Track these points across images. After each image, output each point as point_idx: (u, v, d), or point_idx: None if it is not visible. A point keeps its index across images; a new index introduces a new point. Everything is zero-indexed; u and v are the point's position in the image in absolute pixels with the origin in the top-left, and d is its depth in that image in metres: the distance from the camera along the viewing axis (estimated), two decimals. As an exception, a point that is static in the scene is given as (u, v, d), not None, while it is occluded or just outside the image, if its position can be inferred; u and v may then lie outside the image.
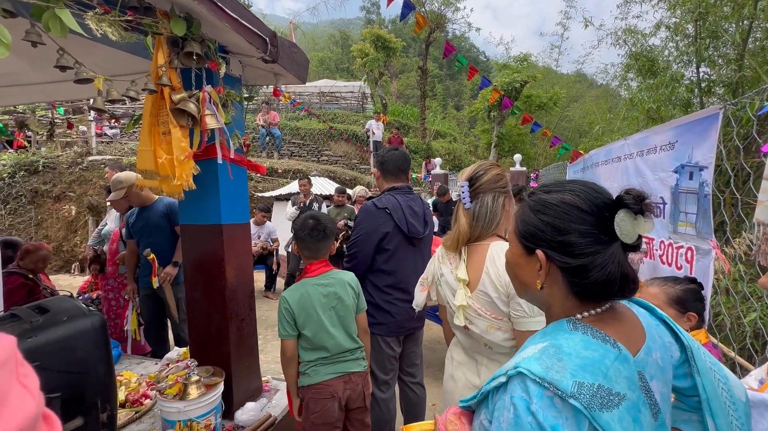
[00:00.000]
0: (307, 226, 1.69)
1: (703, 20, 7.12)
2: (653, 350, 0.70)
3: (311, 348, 1.66)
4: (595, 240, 0.66)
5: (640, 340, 0.70)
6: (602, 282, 0.66)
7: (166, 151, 1.51)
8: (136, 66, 1.93)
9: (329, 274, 1.74)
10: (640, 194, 0.64)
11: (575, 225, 0.67)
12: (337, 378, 1.67)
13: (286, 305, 1.64)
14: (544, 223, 0.70)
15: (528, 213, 0.73)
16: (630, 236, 0.64)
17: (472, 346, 1.32)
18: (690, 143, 1.75)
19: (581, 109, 18.83)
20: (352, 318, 1.74)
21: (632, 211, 0.64)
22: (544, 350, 0.64)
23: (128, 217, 2.77)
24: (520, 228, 0.74)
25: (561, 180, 0.77)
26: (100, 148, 7.61)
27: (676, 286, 1.53)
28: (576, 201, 0.68)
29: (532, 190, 0.78)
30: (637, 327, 0.71)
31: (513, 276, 0.80)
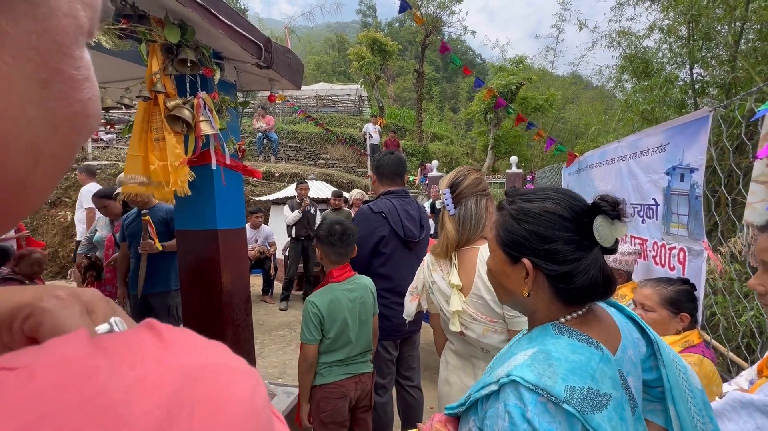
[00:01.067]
0: (336, 232, 1.70)
1: (695, 22, 7.19)
2: (627, 348, 0.73)
3: (329, 351, 1.68)
4: (578, 246, 0.69)
5: (617, 339, 0.73)
6: (587, 286, 0.69)
7: (159, 158, 1.51)
8: (132, 72, 1.93)
9: (353, 279, 1.77)
10: (615, 200, 0.67)
11: (559, 232, 0.69)
12: (349, 378, 1.71)
13: (315, 310, 1.65)
14: (528, 232, 0.71)
15: (510, 222, 0.74)
16: (608, 240, 0.68)
17: (467, 351, 1.32)
18: (681, 145, 1.77)
19: (577, 111, 18.92)
20: (370, 323, 1.78)
21: (609, 216, 0.67)
22: (534, 356, 0.65)
23: (125, 219, 2.76)
24: (504, 237, 0.75)
25: (539, 188, 0.78)
26: (96, 153, 7.59)
27: (668, 287, 1.55)
28: (558, 209, 0.70)
29: (508, 198, 0.79)
30: (612, 327, 0.75)
31: (497, 284, 0.81)
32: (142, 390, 0.19)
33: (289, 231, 5.25)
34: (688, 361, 1.39)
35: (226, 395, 0.21)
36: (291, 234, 5.24)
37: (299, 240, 5.14)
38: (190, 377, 0.21)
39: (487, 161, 14.79)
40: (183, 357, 0.22)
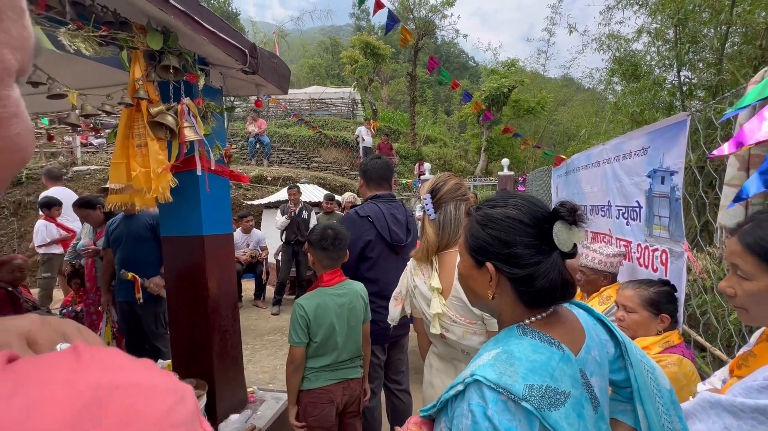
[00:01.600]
0: (328, 237, 1.70)
1: (682, 26, 7.30)
2: (592, 348, 0.75)
3: (316, 356, 1.68)
4: (537, 250, 0.71)
5: (581, 340, 0.75)
6: (546, 289, 0.71)
7: (141, 164, 1.51)
8: (116, 78, 1.92)
9: (344, 284, 1.77)
10: (573, 206, 0.69)
11: (519, 237, 0.71)
12: (337, 383, 1.71)
13: (302, 312, 1.65)
14: (491, 237, 0.74)
15: (476, 227, 0.77)
16: (567, 245, 0.70)
17: (449, 353, 1.34)
18: (661, 148, 1.80)
19: (569, 113, 19.11)
20: (360, 329, 1.78)
21: (567, 221, 0.69)
22: (498, 356, 0.68)
23: (109, 225, 2.73)
24: (470, 242, 0.78)
25: (504, 194, 0.80)
26: (85, 158, 7.51)
27: (649, 289, 1.57)
28: (519, 215, 0.73)
29: (477, 204, 0.82)
30: (577, 328, 0.77)
31: (465, 287, 0.84)
32: (46, 408, 0.19)
33: (282, 235, 5.24)
34: (667, 361, 1.42)
35: (135, 412, 0.22)
36: (282, 238, 5.23)
37: (290, 245, 5.13)
38: (100, 395, 0.21)
39: (480, 163, 14.87)
40: (96, 377, 0.23)
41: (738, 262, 0.83)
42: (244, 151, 10.50)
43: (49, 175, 4.48)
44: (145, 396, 0.23)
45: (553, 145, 17.88)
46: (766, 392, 0.75)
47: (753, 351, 0.88)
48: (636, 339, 1.55)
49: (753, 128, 1.01)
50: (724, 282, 0.89)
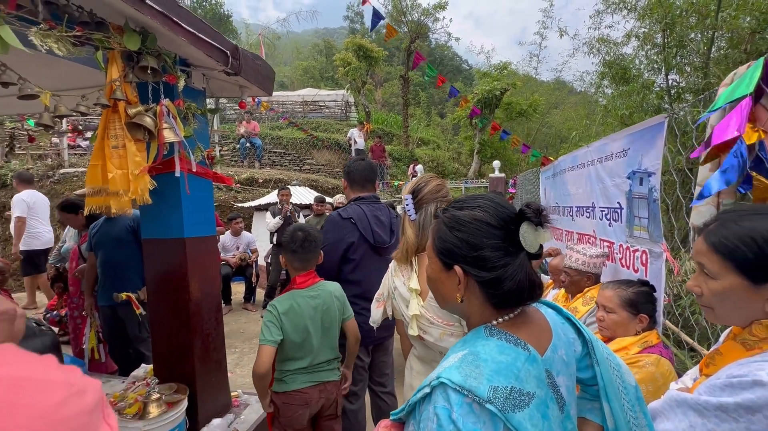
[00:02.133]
0: (297, 239, 1.70)
1: (670, 30, 7.40)
2: (558, 347, 0.75)
3: (291, 358, 1.66)
4: (505, 252, 0.71)
5: (548, 339, 0.74)
6: (514, 291, 0.71)
7: (117, 166, 1.49)
8: (96, 79, 1.91)
9: (317, 286, 1.76)
10: (539, 207, 0.69)
11: (487, 240, 0.71)
12: (313, 386, 1.69)
13: (274, 312, 1.64)
14: (459, 240, 0.73)
15: (443, 230, 0.76)
16: (533, 246, 0.70)
17: (428, 355, 1.33)
18: (640, 150, 1.82)
19: (561, 116, 19.28)
20: (336, 330, 1.77)
21: (533, 223, 0.69)
22: (464, 358, 0.67)
23: (92, 228, 2.70)
24: (438, 245, 0.77)
25: (471, 195, 0.80)
26: (72, 161, 7.42)
27: (628, 289, 1.58)
28: (486, 217, 0.72)
29: (445, 206, 0.81)
30: (544, 328, 0.77)
31: (435, 290, 0.83)
32: None
33: (272, 238, 5.21)
34: (645, 361, 1.43)
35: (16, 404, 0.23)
36: (273, 240, 5.20)
37: (281, 247, 5.10)
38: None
39: (473, 165, 14.94)
40: None
41: (704, 261, 0.84)
42: (235, 153, 10.45)
43: (20, 178, 4.42)
44: (33, 389, 0.24)
45: (545, 147, 18.02)
46: (728, 390, 0.75)
47: (720, 350, 0.88)
48: (615, 339, 1.56)
49: (720, 130, 1.03)
50: (691, 281, 0.89)
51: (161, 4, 1.47)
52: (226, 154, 10.86)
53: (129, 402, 1.78)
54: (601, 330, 1.63)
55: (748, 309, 0.79)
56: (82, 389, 0.26)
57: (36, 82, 1.31)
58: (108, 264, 2.58)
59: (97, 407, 0.27)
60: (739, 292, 0.79)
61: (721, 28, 6.71)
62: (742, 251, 0.77)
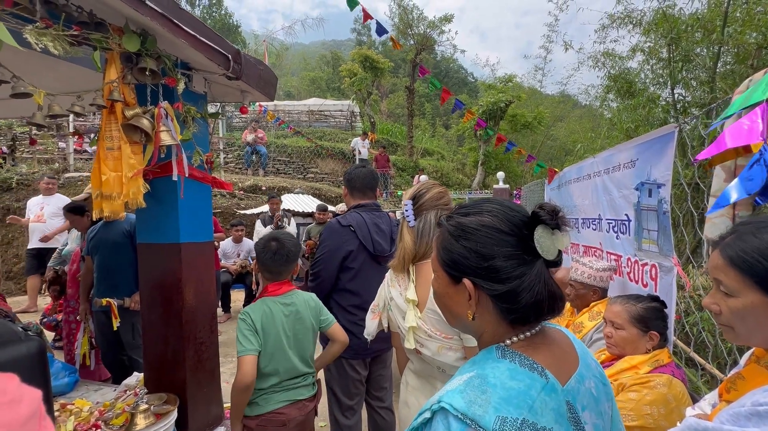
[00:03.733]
0: (270, 249, 1.64)
1: (676, 44, 7.41)
2: (586, 378, 0.66)
3: (263, 374, 1.57)
4: (519, 261, 0.63)
5: (572, 367, 0.66)
6: (533, 304, 0.63)
7: (111, 168, 1.46)
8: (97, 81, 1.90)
9: (291, 294, 1.69)
10: (554, 208, 0.62)
11: (498, 248, 0.63)
12: (290, 405, 1.59)
13: (248, 319, 1.56)
14: (467, 250, 0.65)
15: (449, 239, 0.68)
16: (551, 252, 0.62)
17: (425, 370, 1.27)
18: (649, 161, 1.77)
19: (566, 129, 19.29)
20: (310, 341, 1.69)
21: (549, 226, 0.62)
22: (470, 381, 0.59)
23: (90, 232, 2.67)
24: (443, 256, 0.69)
25: (476, 200, 0.73)
26: (78, 165, 7.47)
27: (638, 304, 1.51)
28: (495, 222, 0.65)
29: (448, 213, 0.74)
30: (569, 353, 0.68)
31: (442, 306, 0.74)
32: None
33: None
34: (656, 381, 1.35)
35: None
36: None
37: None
38: None
39: (477, 177, 14.92)
40: None
41: (721, 277, 0.78)
42: (240, 160, 10.51)
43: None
44: None
45: (550, 159, 18.00)
46: (754, 419, 0.68)
47: (742, 374, 0.82)
48: (624, 357, 1.49)
49: (734, 132, 0.98)
50: (708, 299, 0.83)
51: (162, 5, 1.46)
52: (230, 161, 10.91)
53: (117, 412, 1.72)
54: (609, 347, 1.55)
55: None
56: (16, 399, 0.26)
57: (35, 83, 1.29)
58: (104, 269, 2.54)
59: (32, 418, 0.27)
60: (761, 310, 0.73)
61: (727, 43, 6.70)
62: (762, 266, 0.71)
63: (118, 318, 2.50)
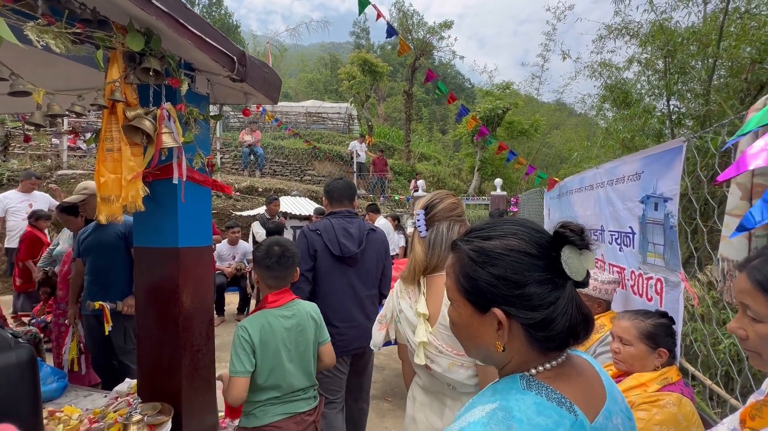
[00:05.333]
0: (273, 254, 1.59)
1: (672, 57, 7.50)
2: (614, 414, 0.62)
3: (262, 388, 1.52)
4: (553, 285, 0.59)
5: (600, 401, 0.62)
6: (568, 329, 0.59)
7: (110, 170, 1.42)
8: (98, 80, 1.85)
9: (292, 305, 1.64)
10: (580, 227, 0.59)
11: (530, 273, 0.59)
12: (288, 419, 1.53)
13: (245, 335, 1.51)
14: (495, 277, 0.61)
15: (472, 266, 0.63)
16: (580, 273, 0.59)
17: (434, 386, 1.23)
18: (655, 174, 1.76)
19: (562, 137, 19.45)
20: (311, 354, 1.64)
21: (576, 246, 0.59)
22: (493, 414, 0.55)
23: (81, 233, 2.60)
24: (466, 285, 0.64)
25: (493, 220, 0.69)
26: (71, 162, 7.34)
27: (646, 320, 1.49)
28: (524, 246, 0.61)
29: (463, 236, 0.68)
30: (596, 386, 0.64)
31: (465, 338, 0.68)
32: None
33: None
34: (666, 400, 1.32)
35: None
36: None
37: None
38: None
39: (473, 182, 14.95)
40: None
41: (748, 302, 0.75)
42: (236, 161, 10.42)
43: None
44: None
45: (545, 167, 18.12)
46: None
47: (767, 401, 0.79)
48: (632, 374, 1.47)
49: (754, 154, 0.96)
50: (734, 323, 0.80)
51: (168, 4, 1.42)
52: (227, 161, 10.83)
53: (108, 422, 1.66)
54: (616, 364, 1.53)
55: None
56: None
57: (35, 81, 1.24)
58: (96, 271, 2.47)
59: None
60: None
61: (722, 56, 6.80)
62: None
63: (110, 323, 2.43)
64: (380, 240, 2.25)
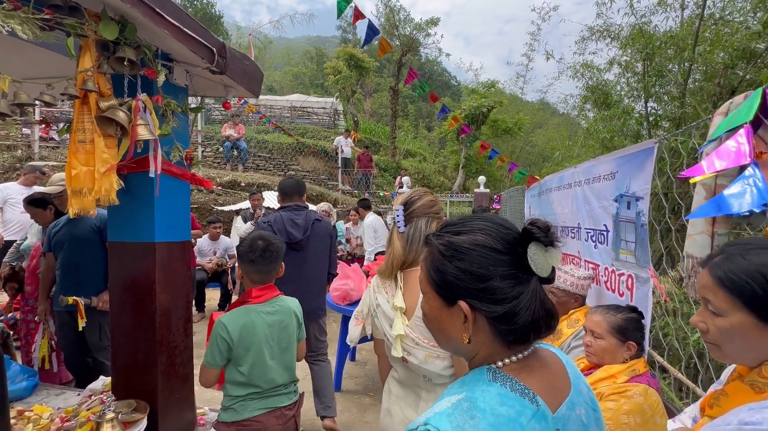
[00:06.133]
0: (257, 248, 1.59)
1: (650, 60, 7.71)
2: (577, 405, 0.65)
3: (243, 383, 1.51)
4: (516, 281, 0.62)
5: (564, 393, 0.65)
6: (530, 323, 0.62)
7: (83, 162, 1.37)
8: (70, 68, 1.78)
9: (275, 301, 1.63)
10: (546, 224, 0.62)
11: (494, 268, 0.62)
12: (268, 413, 1.54)
13: (224, 332, 1.50)
14: (461, 271, 0.63)
15: (441, 260, 0.66)
16: (545, 269, 0.61)
17: (410, 379, 1.26)
18: (628, 174, 1.82)
19: (545, 136, 19.80)
20: (293, 350, 1.64)
21: (542, 243, 0.61)
22: (458, 404, 0.58)
23: (52, 227, 2.51)
24: (435, 278, 0.67)
25: (466, 216, 0.71)
26: (43, 153, 7.05)
27: (617, 315, 1.55)
28: (490, 241, 0.63)
29: (436, 231, 0.71)
30: (561, 378, 0.67)
31: (435, 330, 0.71)
32: None
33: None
34: (633, 391, 1.38)
35: None
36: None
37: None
38: None
39: (458, 180, 15.09)
40: None
41: (709, 297, 0.80)
42: (218, 154, 10.22)
43: None
44: None
45: (528, 165, 18.42)
46: None
47: (725, 390, 0.84)
48: (602, 366, 1.52)
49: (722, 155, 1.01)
50: (696, 317, 0.85)
51: (144, -8, 1.38)
52: (209, 155, 10.60)
53: (81, 420, 1.62)
54: (588, 356, 1.58)
55: (759, 349, 0.75)
56: None
57: (2, 68, 1.19)
58: (69, 266, 2.39)
59: None
60: (748, 331, 0.75)
61: (697, 61, 7.03)
62: (751, 287, 0.73)
63: (84, 318, 2.36)
64: (325, 228, 2.73)
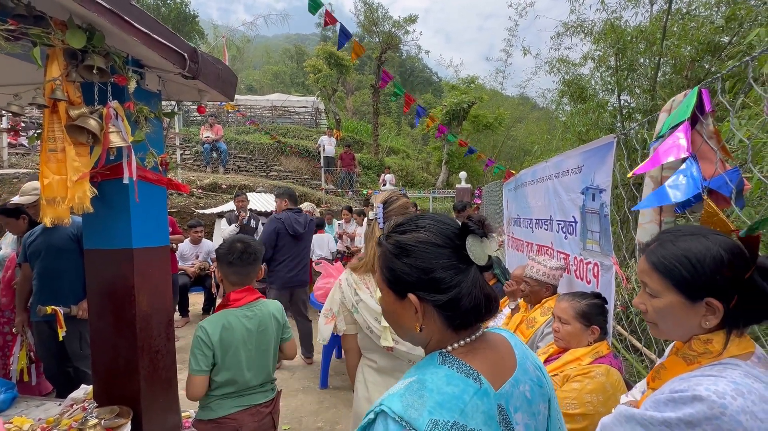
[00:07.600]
0: (236, 250, 1.61)
1: (622, 54, 7.94)
2: (521, 382, 0.71)
3: (218, 385, 1.54)
4: (456, 270, 0.68)
5: (509, 372, 0.71)
6: (472, 308, 0.68)
7: (54, 171, 1.37)
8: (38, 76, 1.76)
9: (254, 304, 1.65)
10: (480, 218, 0.69)
11: (436, 261, 0.68)
12: (242, 411, 1.57)
13: (205, 336, 1.51)
14: (408, 266, 0.70)
15: (390, 258, 0.72)
16: (482, 258, 0.68)
17: (392, 366, 1.34)
18: (593, 167, 1.92)
19: (525, 130, 20.11)
20: (271, 353, 1.67)
21: (477, 235, 0.68)
22: (410, 386, 0.64)
23: (27, 237, 2.47)
24: (387, 275, 0.73)
25: (412, 216, 0.78)
26: (13, 160, 6.82)
27: (582, 301, 1.64)
28: (430, 237, 0.70)
29: (387, 232, 0.77)
30: (507, 359, 0.73)
31: (393, 322, 0.78)
32: None
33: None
34: (596, 371, 1.47)
35: None
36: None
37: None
38: None
39: (441, 176, 15.24)
40: None
41: (646, 280, 0.87)
42: (198, 157, 10.06)
43: None
44: None
45: (510, 159, 18.70)
46: (671, 405, 0.78)
47: (664, 364, 0.92)
48: (569, 350, 1.61)
49: (665, 150, 1.09)
50: (637, 299, 0.93)
51: (110, 0, 1.38)
52: (188, 158, 10.42)
53: (62, 429, 1.62)
54: (556, 341, 1.67)
55: (687, 325, 0.83)
56: None
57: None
58: (46, 275, 2.36)
59: None
60: (678, 309, 0.83)
61: (665, 55, 7.29)
62: (678, 270, 0.81)
63: (64, 328, 2.33)
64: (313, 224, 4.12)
